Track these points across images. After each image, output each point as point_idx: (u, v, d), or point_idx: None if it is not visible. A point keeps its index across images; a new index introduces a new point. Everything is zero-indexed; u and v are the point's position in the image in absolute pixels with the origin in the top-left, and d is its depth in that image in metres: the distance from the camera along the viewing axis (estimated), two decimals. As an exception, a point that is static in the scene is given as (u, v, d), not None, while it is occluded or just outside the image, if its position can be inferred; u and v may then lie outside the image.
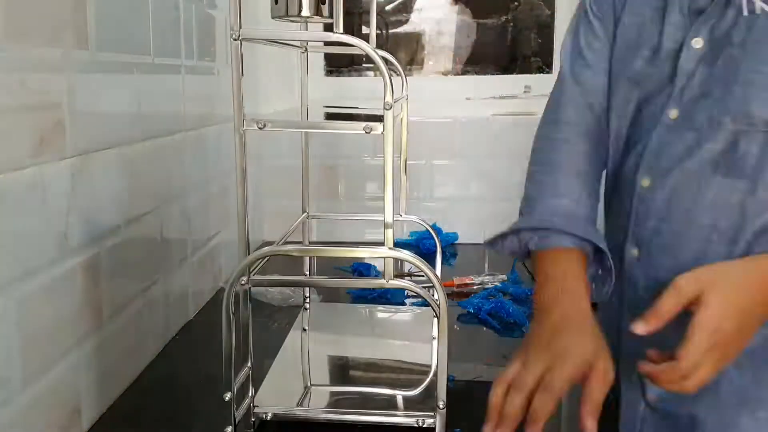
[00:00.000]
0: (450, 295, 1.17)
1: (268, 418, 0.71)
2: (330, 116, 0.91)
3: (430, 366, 0.85)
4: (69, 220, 0.67)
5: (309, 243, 1.02)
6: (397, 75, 0.99)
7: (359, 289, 1.15)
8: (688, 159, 0.71)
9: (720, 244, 0.68)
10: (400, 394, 0.77)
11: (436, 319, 0.98)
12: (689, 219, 0.71)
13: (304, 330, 0.97)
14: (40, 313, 0.63)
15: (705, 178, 0.70)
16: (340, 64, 1.64)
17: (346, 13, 1.61)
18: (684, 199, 0.71)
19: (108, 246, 0.76)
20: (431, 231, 1.00)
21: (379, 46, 1.65)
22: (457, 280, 1.20)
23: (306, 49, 0.91)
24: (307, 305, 1.04)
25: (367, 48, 0.60)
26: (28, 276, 0.61)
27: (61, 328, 0.67)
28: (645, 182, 0.75)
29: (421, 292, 0.64)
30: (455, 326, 1.03)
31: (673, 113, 0.74)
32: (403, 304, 1.11)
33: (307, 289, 1.05)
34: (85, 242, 0.71)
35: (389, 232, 0.61)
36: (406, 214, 0.98)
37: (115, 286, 0.78)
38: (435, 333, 0.95)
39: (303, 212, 0.96)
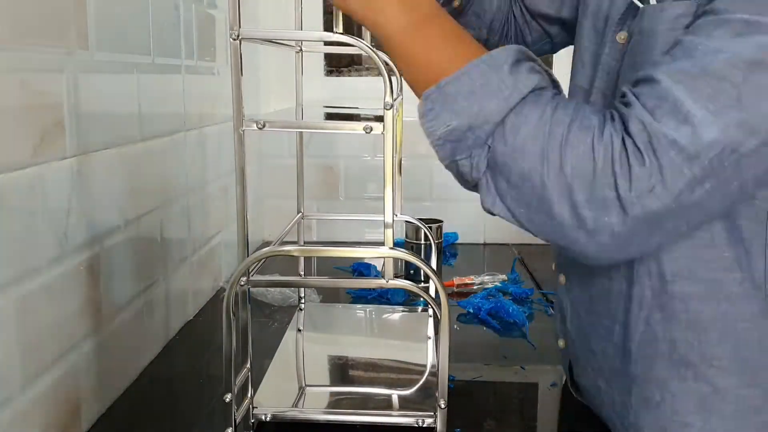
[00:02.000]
0: (450, 295, 1.17)
1: (267, 419, 0.71)
2: (330, 116, 0.91)
3: (429, 366, 0.85)
4: (69, 220, 0.67)
5: (305, 243, 1.02)
6: (393, 74, 0.99)
7: (359, 289, 1.15)
8: None
9: (622, 283, 0.64)
10: (399, 394, 0.77)
11: (432, 319, 0.99)
12: None
13: (299, 330, 0.97)
14: (40, 313, 0.63)
15: None
16: (340, 64, 1.64)
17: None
18: None
19: (108, 246, 0.76)
20: (425, 230, 1.01)
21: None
22: (457, 280, 1.20)
23: (300, 49, 0.91)
24: (302, 305, 1.04)
25: (366, 47, 0.60)
26: (28, 276, 0.61)
27: (61, 328, 0.67)
28: None
29: (421, 291, 0.64)
30: (455, 326, 1.03)
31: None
32: (404, 304, 1.11)
33: (302, 289, 1.05)
34: (85, 242, 0.71)
35: (389, 232, 0.61)
36: (401, 214, 0.98)
37: (115, 286, 0.78)
38: (430, 333, 0.95)
39: (298, 212, 0.96)
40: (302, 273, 1.01)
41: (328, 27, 1.61)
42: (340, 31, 0.61)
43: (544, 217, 0.53)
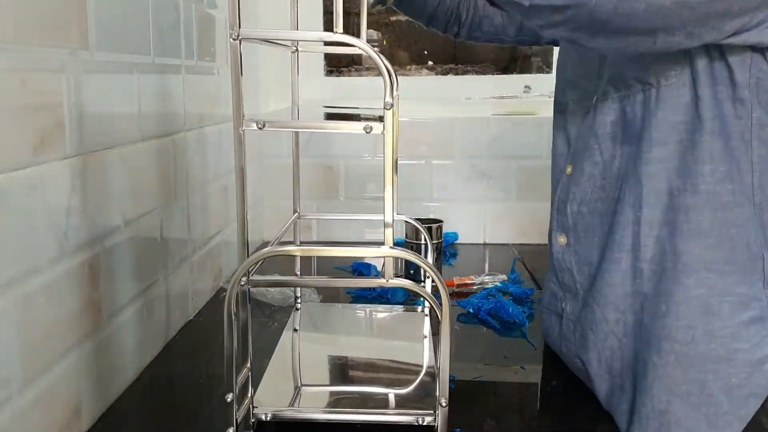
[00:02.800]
0: (450, 295, 1.16)
1: (268, 418, 0.71)
2: (330, 116, 0.91)
3: (428, 365, 0.85)
4: (69, 220, 0.67)
5: (301, 243, 1.02)
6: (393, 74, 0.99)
7: (359, 289, 1.15)
8: (590, 136, 0.77)
9: (629, 212, 0.72)
10: (398, 393, 0.77)
11: (428, 319, 0.99)
12: (603, 195, 0.76)
13: (295, 330, 0.96)
14: (40, 313, 0.63)
15: (608, 151, 0.75)
16: (340, 64, 1.64)
17: (345, 14, 1.61)
18: (595, 176, 0.77)
19: (108, 246, 0.76)
20: (421, 230, 1.01)
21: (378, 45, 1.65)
22: (457, 280, 1.20)
23: (296, 49, 0.91)
24: (299, 305, 1.04)
25: (366, 47, 0.60)
26: (28, 276, 0.61)
27: (61, 328, 0.67)
28: (569, 170, 0.81)
29: (422, 291, 0.64)
30: (455, 326, 1.03)
31: (572, 95, 0.83)
32: (404, 303, 1.11)
33: (299, 289, 1.05)
34: (85, 242, 0.71)
35: (389, 232, 0.61)
36: (397, 214, 0.99)
37: (115, 286, 0.78)
38: (426, 332, 0.95)
39: (294, 212, 0.96)
40: (298, 273, 1.01)
41: (329, 27, 1.61)
42: (340, 31, 0.61)
43: None
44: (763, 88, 0.64)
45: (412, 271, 1.23)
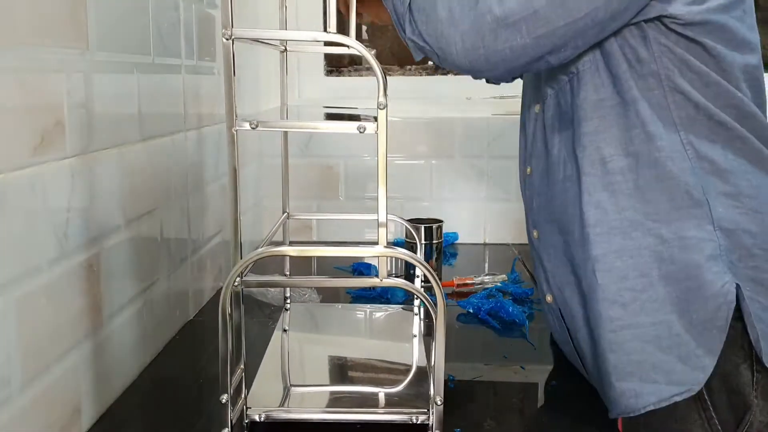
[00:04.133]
0: (450, 295, 1.17)
1: (261, 419, 0.71)
2: (329, 116, 0.91)
3: (418, 364, 0.85)
4: (69, 220, 0.68)
5: (296, 243, 1.02)
6: (388, 74, 1.00)
7: (359, 288, 1.16)
8: (538, 133, 0.83)
9: (571, 187, 0.75)
10: (391, 392, 0.77)
11: (417, 318, 0.99)
12: (551, 180, 0.79)
13: (285, 330, 0.96)
14: (40, 313, 0.63)
15: (550, 141, 0.80)
16: (340, 64, 1.64)
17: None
18: (542, 168, 0.81)
19: (108, 246, 0.76)
20: (410, 229, 1.01)
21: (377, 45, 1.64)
22: (457, 280, 1.20)
23: (285, 49, 0.92)
24: (288, 306, 1.04)
25: (360, 47, 0.60)
26: (28, 276, 0.61)
27: (61, 328, 0.67)
28: (528, 170, 0.86)
29: (415, 289, 0.64)
30: (455, 326, 1.03)
31: (526, 100, 0.90)
32: (404, 303, 1.11)
33: (287, 289, 1.05)
34: (85, 242, 0.71)
35: (383, 231, 0.61)
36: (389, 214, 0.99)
37: (115, 286, 0.78)
38: (416, 331, 0.95)
39: (283, 212, 0.96)
40: (288, 273, 1.01)
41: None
42: (333, 30, 0.61)
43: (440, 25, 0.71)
44: (666, 60, 0.69)
45: (412, 271, 1.23)
